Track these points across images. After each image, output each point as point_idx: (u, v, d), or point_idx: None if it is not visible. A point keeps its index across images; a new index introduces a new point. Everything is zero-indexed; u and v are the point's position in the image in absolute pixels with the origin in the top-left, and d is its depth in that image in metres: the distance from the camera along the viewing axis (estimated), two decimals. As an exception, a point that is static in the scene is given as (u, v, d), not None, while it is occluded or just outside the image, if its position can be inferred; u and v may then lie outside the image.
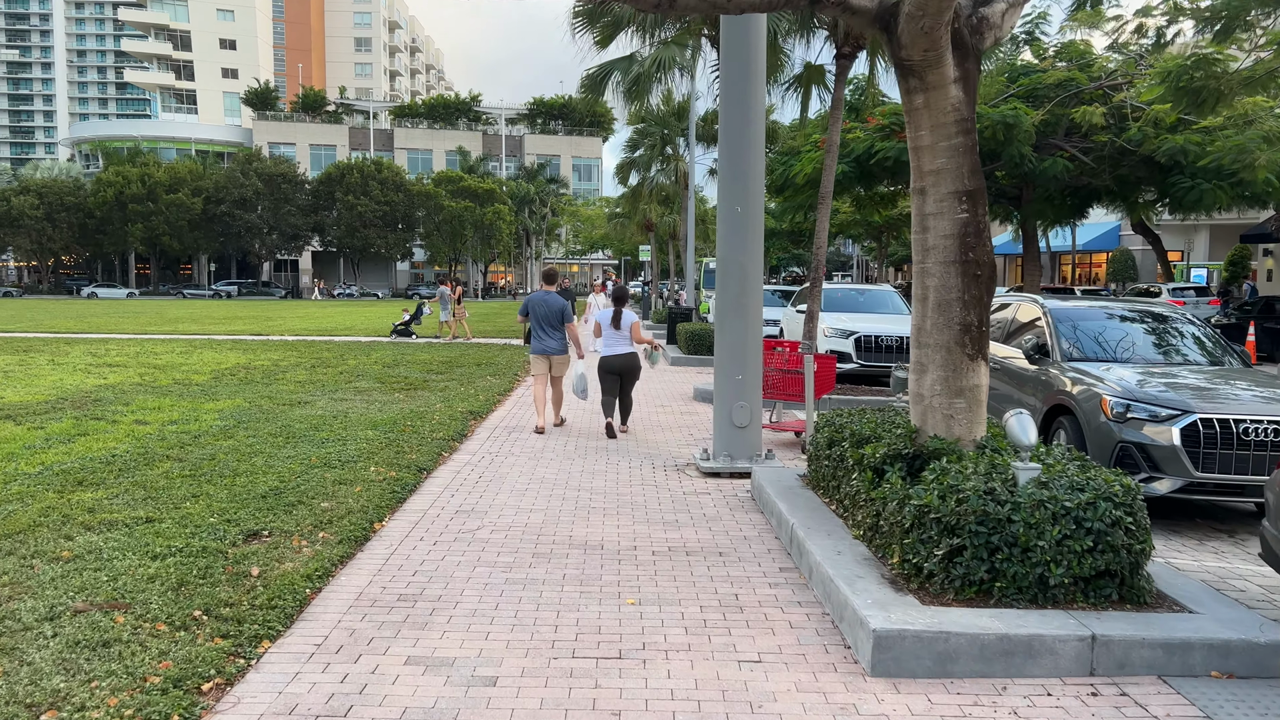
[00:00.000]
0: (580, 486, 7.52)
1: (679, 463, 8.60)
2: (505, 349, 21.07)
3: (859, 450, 5.73)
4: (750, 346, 8.11)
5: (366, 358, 18.32)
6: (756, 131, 8.09)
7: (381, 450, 8.43)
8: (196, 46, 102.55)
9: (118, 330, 27.09)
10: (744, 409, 8.04)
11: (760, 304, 8.17)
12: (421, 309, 26.37)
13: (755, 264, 8.09)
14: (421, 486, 7.36)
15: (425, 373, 15.64)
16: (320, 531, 5.85)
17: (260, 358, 18.09)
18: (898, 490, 4.96)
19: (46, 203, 69.84)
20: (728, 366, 8.12)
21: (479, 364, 17.26)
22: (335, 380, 14.33)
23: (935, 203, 5.40)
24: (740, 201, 8.06)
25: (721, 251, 8.17)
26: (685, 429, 10.60)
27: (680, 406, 12.49)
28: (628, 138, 27.06)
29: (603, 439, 9.82)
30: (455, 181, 74.79)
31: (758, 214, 8.10)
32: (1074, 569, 4.32)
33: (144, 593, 4.67)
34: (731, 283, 8.12)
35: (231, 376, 14.65)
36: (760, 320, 8.18)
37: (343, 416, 10.47)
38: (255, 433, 9.28)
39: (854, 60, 13.23)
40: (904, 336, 14.86)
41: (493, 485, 7.50)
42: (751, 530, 6.28)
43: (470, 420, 10.64)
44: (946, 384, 5.42)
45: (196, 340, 22.79)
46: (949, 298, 5.38)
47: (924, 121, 5.39)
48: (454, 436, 9.40)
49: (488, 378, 14.94)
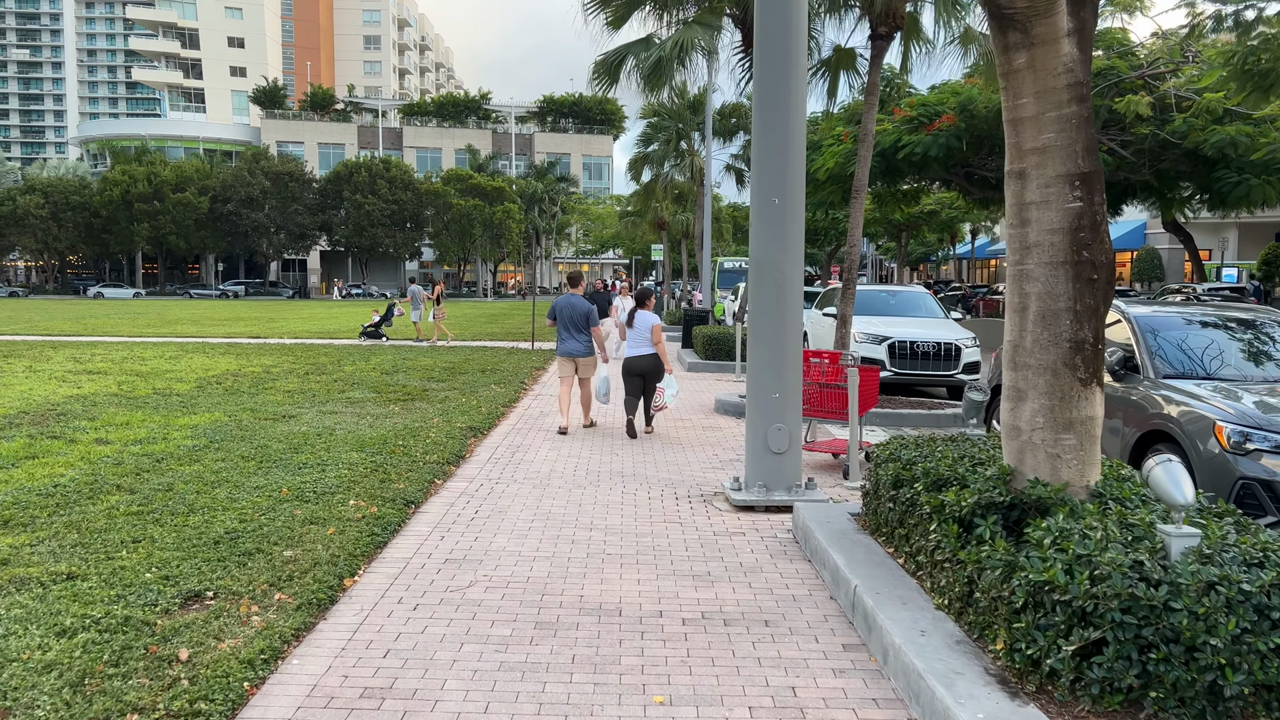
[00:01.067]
0: (593, 524, 6.45)
1: (705, 491, 7.52)
2: (512, 353, 20.02)
3: (937, 495, 4.64)
4: (789, 359, 7.02)
5: (365, 363, 17.30)
6: (796, 111, 7.00)
7: (365, 478, 7.37)
8: (204, 45, 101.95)
9: (113, 333, 26.17)
10: (782, 432, 6.96)
11: (800, 310, 7.09)
12: (392, 310, 24.81)
13: (795, 264, 7.01)
14: (407, 525, 6.30)
15: (425, 380, 14.60)
16: (277, 592, 4.79)
17: (253, 363, 17.09)
18: (999, 555, 3.88)
19: (52, 202, 69.18)
20: (762, 382, 7.03)
21: (483, 370, 16.21)
22: (327, 389, 13.31)
23: (1040, 189, 4.31)
24: (777, 192, 6.97)
25: (755, 250, 7.09)
26: (709, 447, 9.51)
27: (701, 420, 11.40)
28: (641, 132, 26.01)
29: (616, 459, 8.75)
30: (464, 180, 73.85)
31: (797, 206, 7.01)
32: (1257, 674, 3.22)
33: (30, 693, 3.61)
34: (766, 285, 7.03)
35: (217, 385, 13.64)
36: (800, 329, 7.09)
37: (328, 434, 9.42)
38: (226, 455, 8.23)
39: (890, 42, 12.14)
40: (942, 342, 13.75)
41: (491, 522, 6.43)
42: (800, 587, 5.20)
43: (470, 438, 9.57)
44: (1052, 415, 4.33)
45: (190, 344, 21.82)
46: (1056, 307, 4.29)
47: (1026, 86, 4.29)
48: (450, 459, 8.34)
49: (492, 386, 13.89)
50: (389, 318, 24.52)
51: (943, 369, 13.74)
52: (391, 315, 24.62)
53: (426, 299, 24.30)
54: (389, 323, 24.63)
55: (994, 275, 64.96)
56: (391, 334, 25.31)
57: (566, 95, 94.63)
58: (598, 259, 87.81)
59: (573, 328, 10.35)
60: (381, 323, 24.22)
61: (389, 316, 24.53)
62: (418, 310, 24.27)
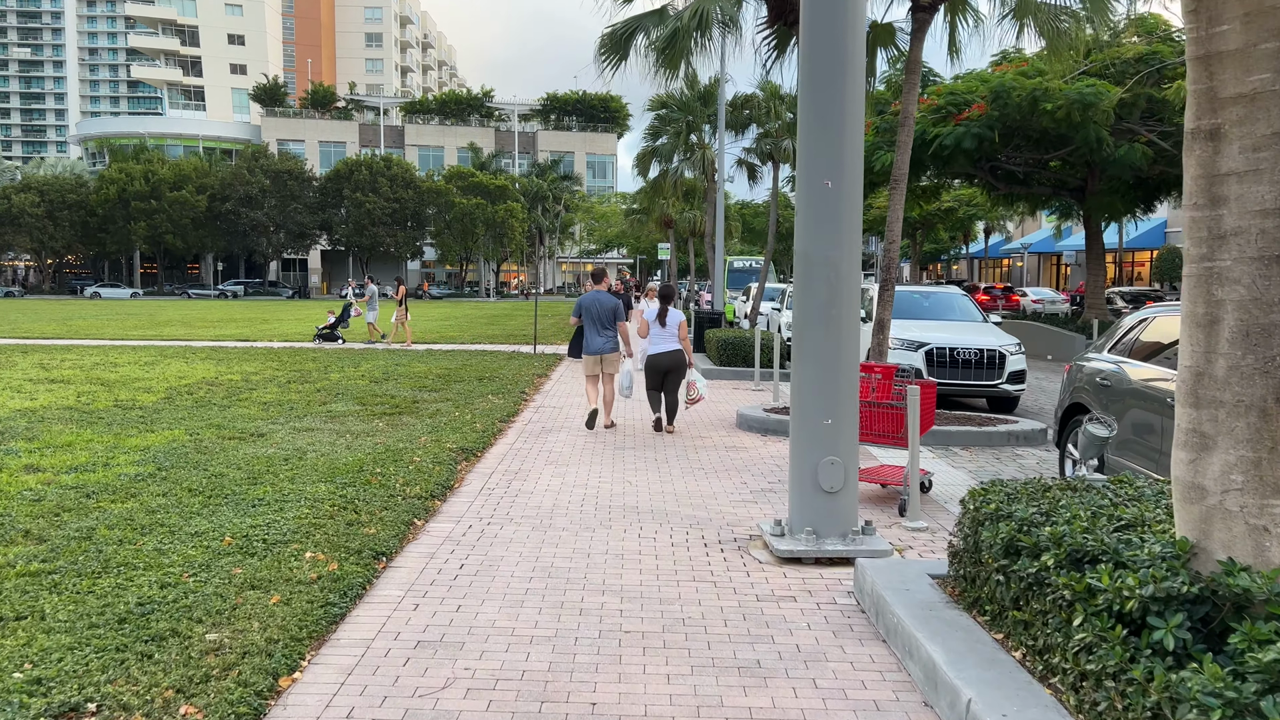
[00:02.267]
0: (605, 584, 5.20)
1: (739, 534, 6.28)
2: (512, 358, 18.78)
3: (1080, 575, 3.38)
4: (844, 379, 5.76)
5: (354, 369, 16.07)
6: (854, 77, 5.74)
7: (330, 520, 6.13)
8: (204, 42, 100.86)
9: (96, 335, 24.98)
10: (835, 468, 5.70)
11: (857, 319, 5.83)
12: (349, 311, 23.27)
13: (852, 262, 5.75)
14: (374, 588, 5.05)
15: (416, 390, 13.36)
16: (184, 703, 3.55)
17: (233, 369, 15.87)
18: (1212, 686, 2.63)
19: (48, 200, 68.08)
20: (811, 406, 5.78)
21: (481, 378, 14.97)
22: (308, 400, 12.08)
23: (1244, 153, 3.05)
24: (831, 173, 5.71)
25: (803, 244, 5.83)
26: (736, 472, 8.26)
27: (723, 437, 10.15)
28: (648, 125, 24.76)
29: (630, 489, 7.51)
30: (466, 178, 72.63)
31: (854, 191, 5.76)
32: None
33: None
34: (816, 288, 5.78)
35: (188, 396, 12.42)
36: (857, 341, 5.84)
37: (297, 459, 8.18)
38: (171, 487, 6.99)
39: (934, 14, 10.88)
40: (985, 349, 12.49)
41: (479, 582, 5.19)
42: (882, 687, 3.95)
43: (460, 463, 8.33)
44: (1257, 472, 3.08)
45: (172, 348, 20.60)
46: (1268, 321, 3.04)
47: (1230, 6, 3.04)
48: (435, 491, 7.09)
49: (489, 397, 12.64)
50: (345, 319, 23.05)
51: (985, 378, 12.48)
52: (348, 316, 23.15)
53: (393, 299, 22.94)
54: (345, 324, 23.13)
55: (1006, 274, 63.60)
56: (347, 335, 23.94)
57: (570, 93, 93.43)
58: (601, 258, 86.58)
59: (599, 324, 10.30)
60: (337, 324, 22.78)
61: (345, 317, 23.07)
62: (374, 311, 22.90)
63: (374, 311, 22.91)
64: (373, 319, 22.83)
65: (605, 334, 10.32)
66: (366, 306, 23.00)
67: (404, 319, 22.45)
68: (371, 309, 22.88)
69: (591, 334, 10.35)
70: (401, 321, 22.45)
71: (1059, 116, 17.38)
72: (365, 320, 23.06)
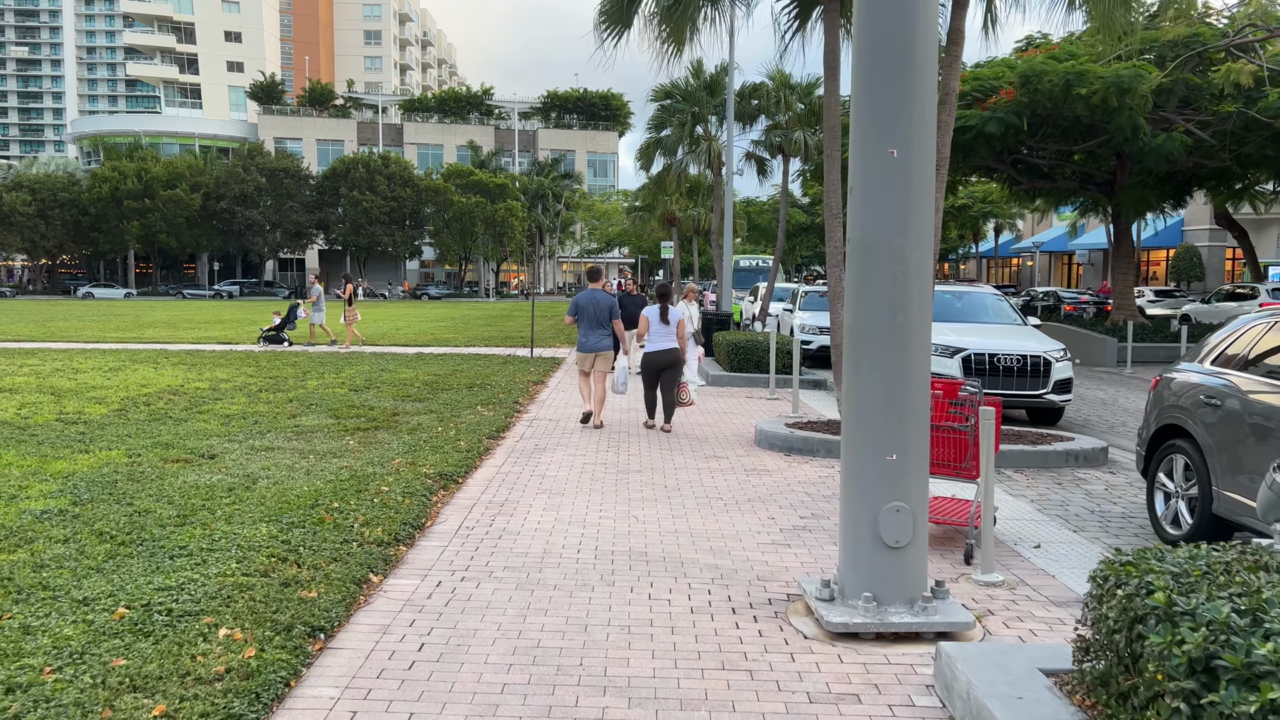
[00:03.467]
0: (606, 675, 3.97)
1: (772, 591, 5.05)
2: (508, 363, 17.55)
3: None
4: (913, 403, 4.51)
5: (335, 375, 14.84)
6: (925, 20, 4.49)
7: (262, 577, 4.90)
8: (201, 39, 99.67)
9: (74, 337, 23.75)
10: (902, 517, 4.46)
11: (928, 326, 4.58)
12: (295, 311, 21.79)
13: (923, 251, 4.50)
14: (299, 685, 3.81)
15: (399, 399, 12.14)
16: None
17: (204, 376, 14.64)
18: None
19: (39, 199, 66.84)
20: (869, 437, 4.53)
21: (471, 385, 13.74)
22: (276, 413, 10.86)
23: None
24: (895, 140, 4.46)
25: (860, 230, 4.57)
26: (761, 503, 7.03)
27: (741, 457, 8.91)
28: (651, 116, 23.50)
29: (637, 527, 6.27)
30: (466, 176, 71.38)
31: (925, 161, 4.50)
32: None
33: None
34: (878, 284, 4.52)
35: (144, 408, 11.19)
36: (928, 354, 4.59)
37: (245, 489, 6.95)
38: (80, 530, 5.76)
39: (977, -23, 9.65)
40: (1028, 355, 11.24)
41: (441, 674, 3.95)
42: None
43: (437, 493, 7.09)
44: None
45: (147, 351, 19.37)
46: None
47: None
48: (399, 534, 5.86)
49: (478, 409, 11.41)
50: (291, 320, 21.69)
51: (1029, 387, 11.24)
52: (294, 317, 21.73)
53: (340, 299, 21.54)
54: (292, 325, 21.68)
55: (1015, 274, 62.33)
56: (294, 337, 22.57)
57: (571, 90, 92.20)
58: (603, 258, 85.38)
59: (595, 323, 10.33)
60: (283, 325, 21.37)
61: (291, 318, 21.69)
62: (320, 312, 21.53)
63: (320, 313, 21.54)
64: (319, 320, 21.48)
65: (600, 332, 10.35)
66: (313, 308, 21.64)
67: (352, 320, 21.16)
68: (318, 310, 21.51)
69: (587, 332, 10.37)
70: (350, 323, 21.16)
71: (1094, 102, 16.12)
72: (311, 322, 21.67)
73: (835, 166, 9.46)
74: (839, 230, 9.48)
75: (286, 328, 21.47)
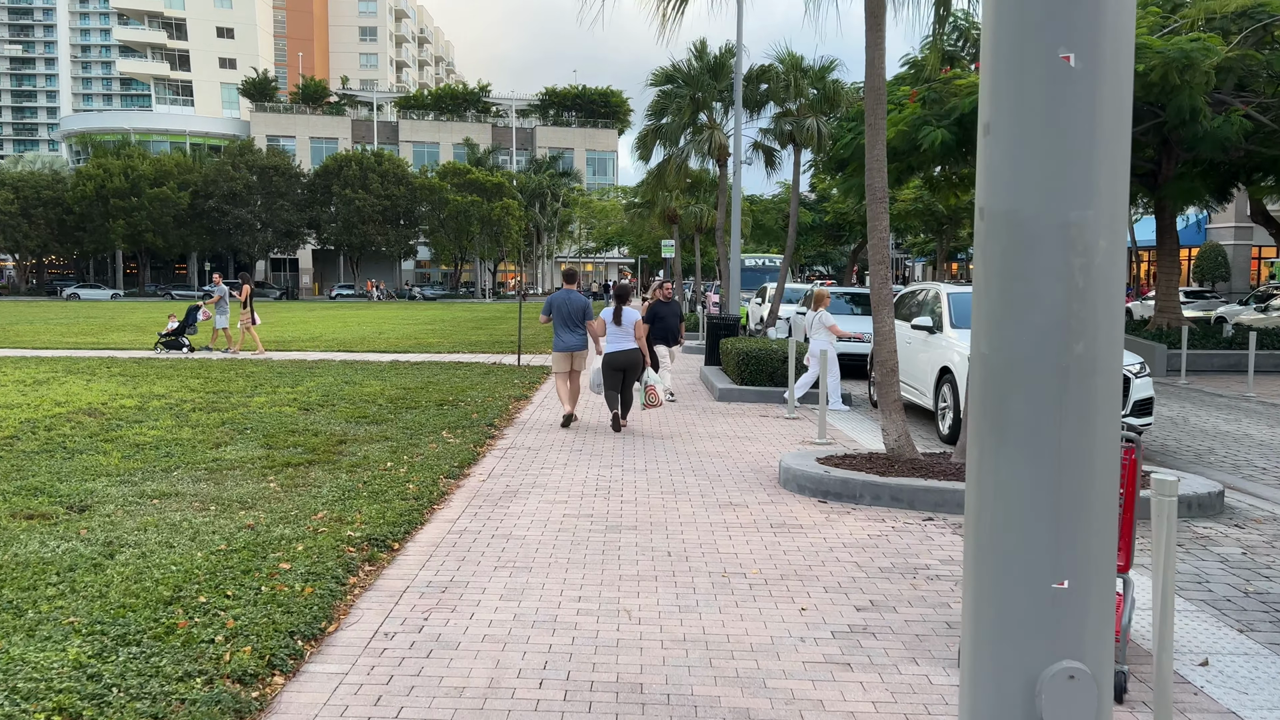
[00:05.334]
0: None
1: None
2: (490, 373, 15.68)
3: None
4: (1098, 488, 2.62)
5: (290, 390, 12.97)
6: None
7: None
8: (193, 35, 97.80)
9: (26, 343, 21.89)
10: (1080, 689, 2.57)
11: (1119, 362, 2.70)
12: (194, 314, 19.80)
13: (1115, 235, 2.61)
14: None
15: (353, 421, 10.27)
16: None
17: (138, 390, 12.78)
18: None
19: (22, 197, 64.99)
20: (1020, 548, 2.63)
21: (443, 402, 11.87)
22: (201, 439, 9.00)
23: None
24: (1073, 40, 2.56)
25: (999, 200, 2.66)
26: (800, 581, 5.16)
27: (764, 505, 7.02)
28: (652, 101, 21.61)
29: (629, 634, 4.41)
30: (462, 174, 69.53)
31: (1123, 80, 2.60)
32: None
33: None
34: (1040, 290, 2.61)
35: (43, 433, 9.32)
36: (1118, 408, 2.71)
37: (94, 563, 5.08)
38: None
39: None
40: (1103, 370, 9.31)
41: None
42: None
43: (357, 571, 5.21)
44: None
45: (90, 360, 17.49)
46: None
47: None
48: (275, 659, 3.97)
49: (443, 435, 9.53)
50: (191, 322, 19.67)
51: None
52: (193, 320, 19.73)
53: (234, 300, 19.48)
54: (192, 329, 19.67)
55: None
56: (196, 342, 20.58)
57: (570, 87, 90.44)
58: (602, 257, 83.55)
59: (570, 322, 10.52)
60: (182, 329, 19.41)
61: (190, 321, 19.71)
62: (224, 315, 19.68)
63: (223, 315, 19.55)
64: (223, 324, 19.54)
65: (576, 332, 10.56)
66: (215, 309, 19.71)
67: (249, 323, 19.26)
68: (221, 312, 19.54)
69: (563, 331, 10.53)
70: (247, 326, 19.25)
71: (1152, 80, 14.23)
72: (215, 326, 19.67)
73: (879, 137, 7.60)
74: (884, 217, 7.62)
75: (186, 331, 19.49)
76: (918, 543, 6.10)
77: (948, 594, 5.13)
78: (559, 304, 10.50)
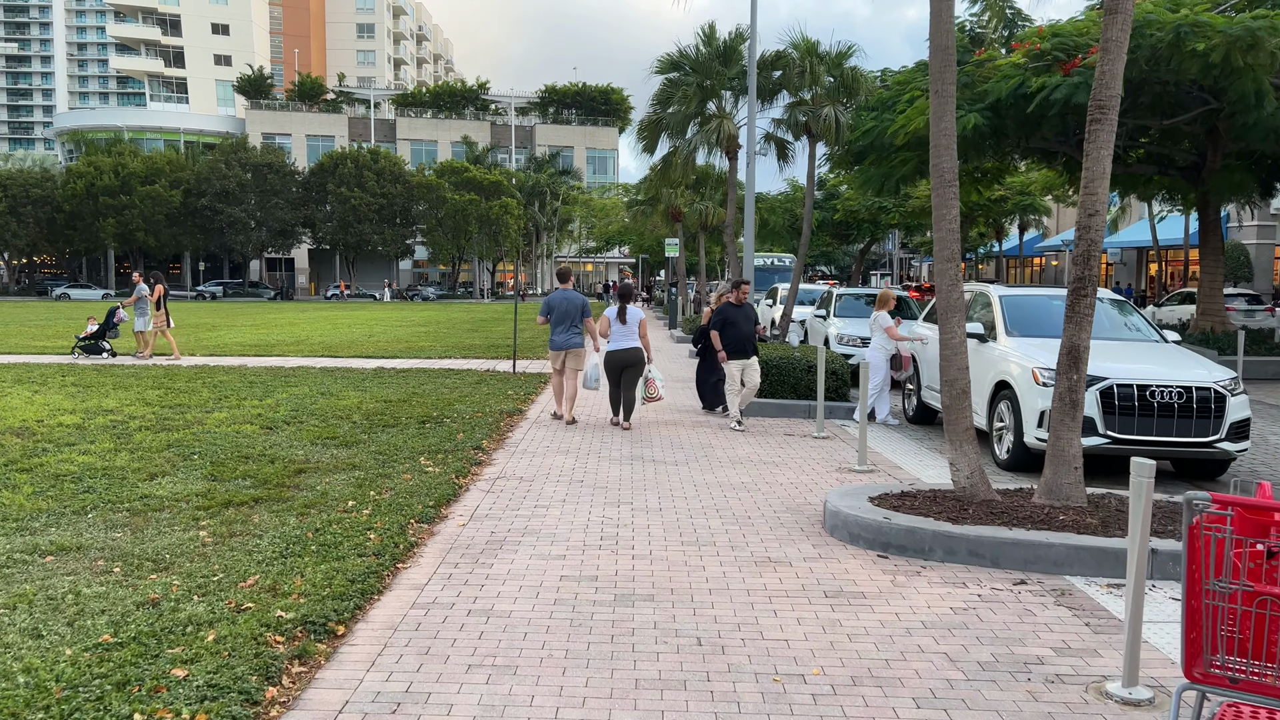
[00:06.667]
0: None
1: None
2: (483, 381, 14.30)
3: None
4: None
5: (258, 403, 11.59)
6: None
7: None
8: (187, 32, 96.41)
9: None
10: None
11: None
12: (113, 316, 18.37)
13: None
14: None
15: (319, 443, 8.89)
16: None
17: (87, 403, 11.40)
18: None
19: (10, 196, 63.55)
20: None
21: (425, 420, 10.49)
22: (137, 468, 7.63)
23: None
24: None
25: None
26: (879, 688, 3.80)
27: (811, 562, 5.64)
28: (657, 89, 20.21)
29: None
30: (460, 173, 68.05)
31: None
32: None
33: None
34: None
35: (-48, 460, 7.96)
36: None
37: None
38: None
39: None
40: (1193, 387, 8.02)
41: None
42: None
43: (278, 678, 3.83)
44: None
45: (45, 367, 16.10)
46: None
47: None
48: None
49: (421, 462, 8.16)
50: (111, 325, 18.24)
51: (1197, 432, 7.99)
52: (113, 323, 18.28)
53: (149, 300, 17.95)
54: (113, 332, 18.27)
55: (1039, 274, 59.03)
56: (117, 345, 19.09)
57: (570, 85, 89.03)
58: (602, 257, 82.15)
59: (568, 321, 10.55)
60: (102, 332, 18.00)
61: (110, 324, 18.26)
62: (143, 316, 18.21)
63: (143, 317, 18.10)
64: (143, 326, 18.10)
65: (573, 330, 10.59)
66: (134, 311, 18.26)
67: (163, 325, 17.85)
68: (140, 314, 18.10)
69: (560, 330, 10.56)
70: (161, 329, 17.83)
71: (1213, 60, 12.86)
72: (134, 328, 18.19)
73: (948, 107, 6.23)
74: (954, 205, 6.27)
75: (107, 334, 18.02)
76: (1017, 620, 4.74)
77: (1081, 709, 3.76)
78: (558, 304, 10.53)
